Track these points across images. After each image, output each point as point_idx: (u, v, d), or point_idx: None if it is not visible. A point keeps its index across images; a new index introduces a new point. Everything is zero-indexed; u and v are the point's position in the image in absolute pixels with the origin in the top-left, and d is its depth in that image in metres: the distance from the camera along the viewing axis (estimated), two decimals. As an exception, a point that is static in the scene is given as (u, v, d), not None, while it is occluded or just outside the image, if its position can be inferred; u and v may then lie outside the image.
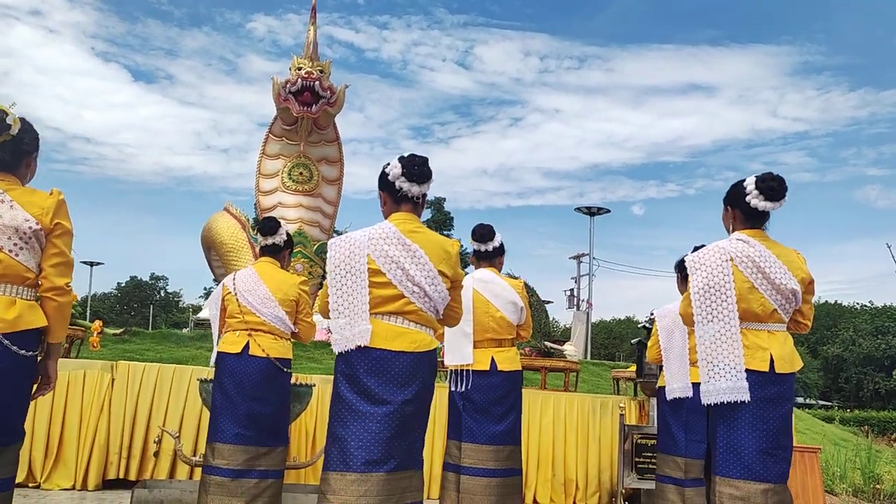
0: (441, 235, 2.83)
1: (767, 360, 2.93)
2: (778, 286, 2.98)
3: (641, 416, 6.28)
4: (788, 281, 2.99)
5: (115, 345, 8.37)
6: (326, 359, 8.43)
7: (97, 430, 5.20)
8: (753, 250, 3.03)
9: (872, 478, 7.69)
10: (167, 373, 5.42)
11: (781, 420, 2.92)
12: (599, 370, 11.31)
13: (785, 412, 2.94)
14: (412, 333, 2.74)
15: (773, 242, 3.10)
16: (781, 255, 3.05)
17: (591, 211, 27.92)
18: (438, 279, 2.77)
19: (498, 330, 4.10)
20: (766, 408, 2.91)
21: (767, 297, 2.99)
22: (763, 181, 3.04)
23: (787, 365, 2.95)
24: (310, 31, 10.39)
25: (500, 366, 4.03)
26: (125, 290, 59.56)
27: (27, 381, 2.57)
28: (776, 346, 2.97)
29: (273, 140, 10.24)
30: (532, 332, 4.44)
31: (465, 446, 3.96)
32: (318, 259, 10.01)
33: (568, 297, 31.37)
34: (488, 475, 3.91)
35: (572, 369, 7.12)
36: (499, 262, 4.34)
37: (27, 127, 2.55)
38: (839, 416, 21.09)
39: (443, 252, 2.81)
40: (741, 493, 2.85)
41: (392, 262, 2.74)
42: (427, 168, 2.82)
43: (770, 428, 2.90)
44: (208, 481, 3.82)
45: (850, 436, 12.53)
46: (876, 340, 44.27)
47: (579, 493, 6.05)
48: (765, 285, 2.98)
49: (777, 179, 3.04)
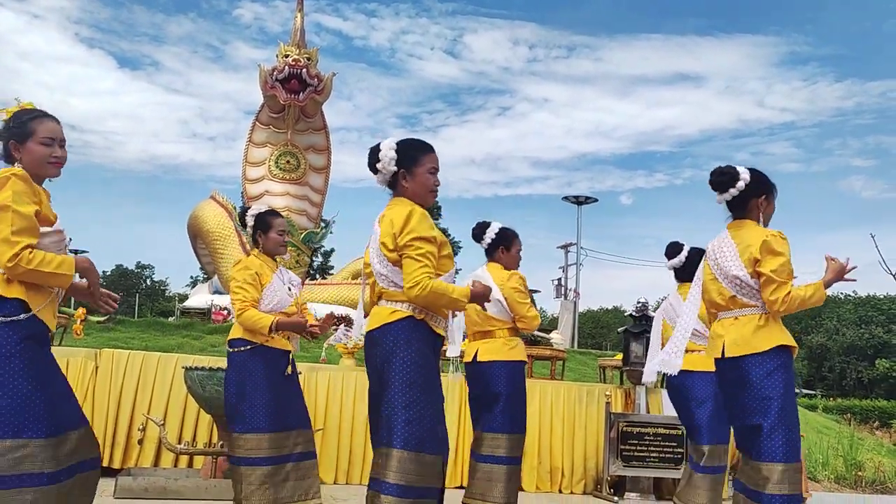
0: (407, 209, 2.79)
1: (720, 348, 3.10)
2: (726, 273, 3.11)
3: (627, 405, 6.32)
4: (731, 266, 3.09)
5: (99, 333, 8.32)
6: (314, 348, 8.42)
7: (81, 419, 5.17)
8: (717, 242, 3.22)
9: (854, 465, 7.79)
10: (152, 361, 5.39)
11: (749, 401, 2.99)
12: (586, 359, 11.37)
13: (749, 393, 2.99)
14: (378, 310, 2.85)
15: (745, 230, 3.16)
16: (741, 240, 3.12)
17: (578, 200, 27.95)
18: (381, 253, 2.80)
19: (480, 322, 4.17)
20: (730, 391, 3.10)
21: (724, 285, 3.14)
22: (710, 176, 3.21)
23: (738, 348, 3.03)
24: (297, 19, 10.32)
25: (480, 356, 4.11)
26: (111, 279, 59.15)
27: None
28: (732, 332, 3.08)
29: (260, 128, 10.19)
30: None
31: (475, 434, 4.17)
32: (304, 247, 9.98)
33: (555, 287, 31.44)
34: (491, 461, 4.04)
35: (559, 357, 7.15)
36: (502, 254, 4.31)
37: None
38: (822, 404, 21.28)
39: (389, 225, 2.78)
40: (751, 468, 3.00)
41: (370, 250, 2.90)
42: (372, 155, 2.88)
43: (736, 411, 3.06)
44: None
45: (833, 424, 12.64)
46: (859, 330, 44.74)
47: (565, 481, 6.08)
48: (720, 274, 3.15)
49: (714, 172, 3.19)
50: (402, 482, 2.59)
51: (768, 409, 2.94)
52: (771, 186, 3.21)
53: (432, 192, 2.87)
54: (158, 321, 10.57)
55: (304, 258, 10.06)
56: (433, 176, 2.86)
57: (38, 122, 2.64)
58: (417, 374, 2.69)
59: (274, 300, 3.77)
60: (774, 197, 3.23)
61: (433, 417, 2.68)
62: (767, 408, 2.95)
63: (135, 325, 9.64)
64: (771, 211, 3.22)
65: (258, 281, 3.74)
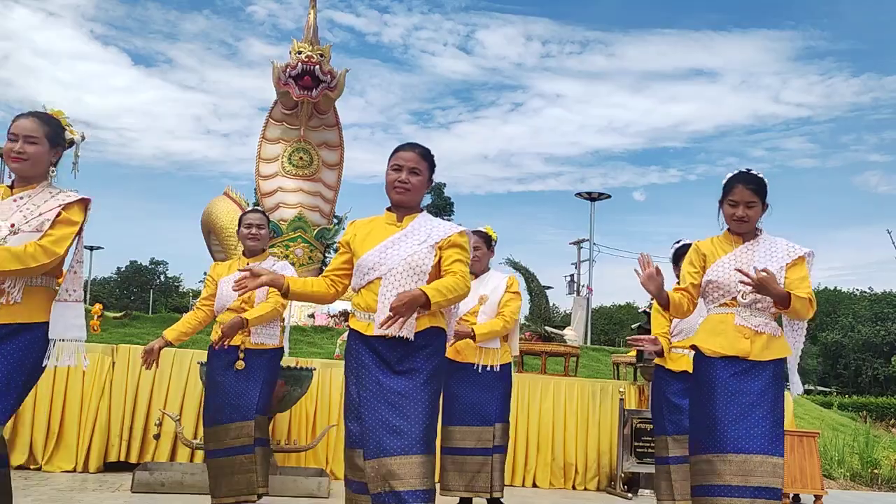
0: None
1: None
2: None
3: (641, 401, 6.30)
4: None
5: (115, 328, 8.39)
6: (327, 344, 8.45)
7: (98, 413, 5.22)
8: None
9: (870, 463, 7.73)
10: (167, 356, 5.42)
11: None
12: (599, 355, 11.34)
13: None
14: None
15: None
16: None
17: (591, 196, 27.82)
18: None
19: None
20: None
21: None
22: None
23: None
24: (310, 15, 10.33)
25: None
26: (125, 275, 59.64)
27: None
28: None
29: (273, 124, 10.21)
30: (532, 318, 4.48)
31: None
32: (318, 244, 10.00)
33: (568, 283, 31.39)
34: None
35: (572, 354, 7.14)
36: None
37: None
38: (837, 401, 21.16)
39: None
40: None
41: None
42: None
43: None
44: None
45: (849, 421, 12.57)
46: (875, 327, 44.31)
47: (578, 477, 6.07)
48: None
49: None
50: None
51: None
52: (723, 191, 3.16)
53: (395, 188, 2.88)
54: (173, 316, 10.61)
55: (317, 254, 10.07)
56: (394, 172, 2.87)
57: (12, 122, 2.71)
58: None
59: (221, 298, 3.99)
60: (725, 199, 3.14)
61: (346, 413, 2.85)
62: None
63: (150, 320, 9.70)
64: (727, 217, 3.16)
65: (212, 281, 4.07)
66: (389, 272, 2.76)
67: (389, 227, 2.88)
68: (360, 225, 2.95)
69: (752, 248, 3.14)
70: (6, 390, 2.52)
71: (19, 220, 2.60)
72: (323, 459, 5.54)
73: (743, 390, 2.97)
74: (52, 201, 2.67)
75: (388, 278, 2.75)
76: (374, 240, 2.85)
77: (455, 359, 4.22)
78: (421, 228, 2.87)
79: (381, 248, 2.81)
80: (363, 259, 2.81)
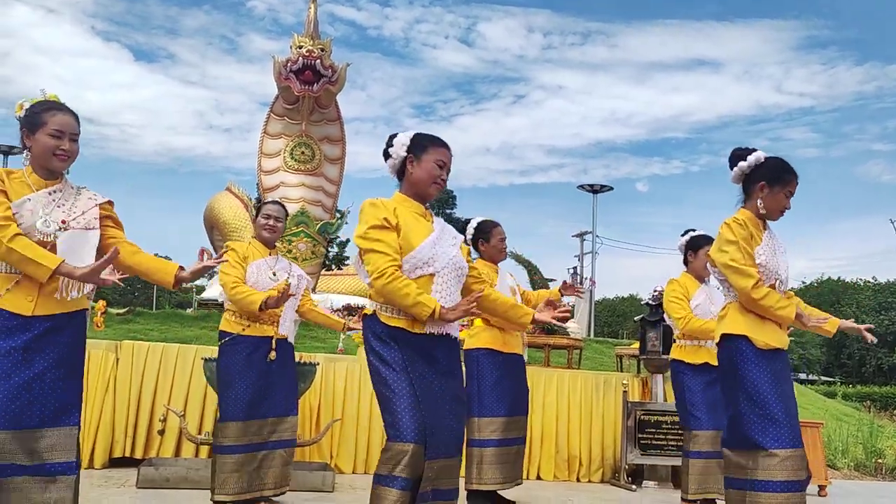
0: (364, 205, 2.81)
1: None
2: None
3: (644, 393, 6.31)
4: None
5: (119, 325, 8.40)
6: (331, 338, 8.47)
7: (103, 409, 5.23)
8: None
9: (874, 452, 7.73)
10: (171, 352, 5.44)
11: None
12: (603, 347, 11.35)
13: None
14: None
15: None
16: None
17: (594, 188, 27.83)
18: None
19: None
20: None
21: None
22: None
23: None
24: (310, 9, 10.30)
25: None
26: (129, 271, 59.61)
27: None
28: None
29: (275, 119, 10.19)
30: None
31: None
32: (320, 238, 10.01)
33: (571, 275, 31.22)
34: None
35: (575, 346, 7.15)
36: (482, 247, 4.49)
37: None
38: (841, 391, 21.13)
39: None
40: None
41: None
42: (388, 141, 2.85)
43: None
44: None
45: (853, 411, 12.56)
46: (879, 317, 44.24)
47: (582, 470, 6.08)
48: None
49: (734, 150, 3.19)
50: (383, 472, 2.55)
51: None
52: (776, 176, 3.01)
53: (436, 183, 2.75)
54: (177, 313, 10.65)
55: (320, 249, 10.07)
56: (440, 169, 2.76)
57: (50, 114, 2.69)
58: (373, 370, 2.67)
59: (252, 279, 3.83)
60: (780, 189, 3.01)
61: (395, 407, 2.58)
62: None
63: (153, 317, 9.72)
64: (775, 205, 3.03)
65: (244, 261, 3.85)
66: (443, 270, 2.70)
67: (422, 221, 2.76)
68: (393, 208, 2.71)
69: (772, 234, 3.13)
70: (73, 373, 2.83)
71: (59, 216, 2.68)
72: (327, 454, 5.56)
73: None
74: (83, 199, 2.79)
75: (442, 276, 2.69)
76: (420, 232, 2.70)
77: (503, 350, 4.25)
78: (446, 228, 2.83)
79: (431, 244, 2.69)
80: (419, 251, 2.66)
